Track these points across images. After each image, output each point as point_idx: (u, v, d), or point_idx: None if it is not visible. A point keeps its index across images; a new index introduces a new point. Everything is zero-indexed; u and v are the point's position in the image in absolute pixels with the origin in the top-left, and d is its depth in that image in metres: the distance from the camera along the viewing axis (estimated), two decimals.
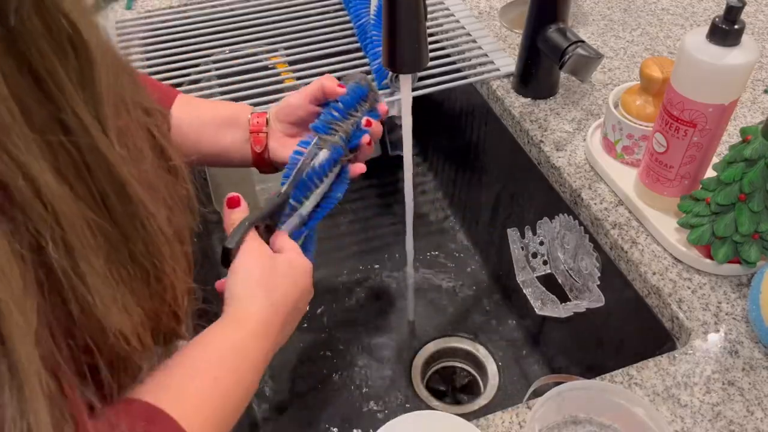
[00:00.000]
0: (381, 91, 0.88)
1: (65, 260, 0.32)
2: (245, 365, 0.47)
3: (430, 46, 0.91)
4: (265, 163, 0.67)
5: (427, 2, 0.61)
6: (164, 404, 0.41)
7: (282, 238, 0.57)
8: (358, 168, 0.64)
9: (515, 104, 0.87)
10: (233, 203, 0.57)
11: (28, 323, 0.30)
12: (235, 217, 0.55)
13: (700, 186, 0.65)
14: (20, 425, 0.29)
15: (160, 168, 0.41)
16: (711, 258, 0.65)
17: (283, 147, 0.65)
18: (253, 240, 0.54)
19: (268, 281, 0.51)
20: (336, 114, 0.62)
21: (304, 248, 0.60)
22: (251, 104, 0.83)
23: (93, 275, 0.33)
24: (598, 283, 0.74)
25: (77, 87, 0.32)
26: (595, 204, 0.74)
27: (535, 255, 0.84)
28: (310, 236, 0.63)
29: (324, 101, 0.64)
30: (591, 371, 0.61)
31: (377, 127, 0.65)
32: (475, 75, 0.91)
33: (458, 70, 0.92)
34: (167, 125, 0.44)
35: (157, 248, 0.38)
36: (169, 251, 0.39)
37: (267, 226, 0.58)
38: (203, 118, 0.66)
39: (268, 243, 0.56)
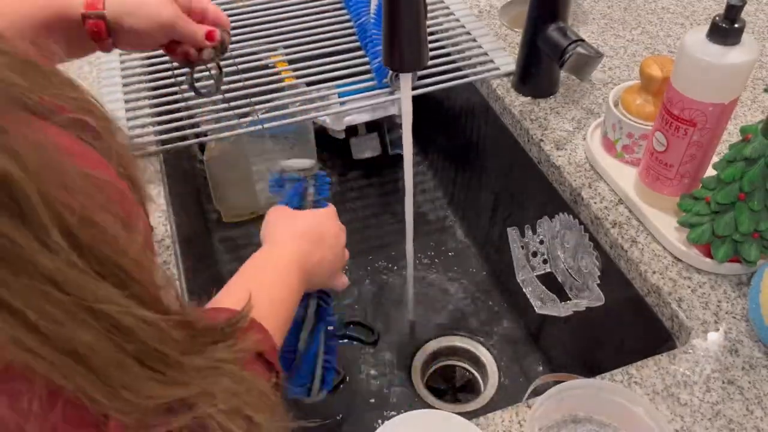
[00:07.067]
0: (381, 90, 0.88)
1: None
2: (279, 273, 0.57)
3: (430, 45, 0.91)
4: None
5: (427, 1, 0.61)
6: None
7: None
8: None
9: (515, 103, 0.87)
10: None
11: None
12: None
13: (700, 185, 0.65)
14: None
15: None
16: (711, 257, 0.65)
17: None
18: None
19: (286, 222, 0.62)
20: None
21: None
22: (251, 103, 0.83)
23: None
24: (598, 282, 0.74)
25: None
26: (595, 203, 0.74)
27: (535, 254, 0.84)
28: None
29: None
30: (591, 370, 0.61)
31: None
32: (475, 74, 0.91)
33: (458, 69, 0.91)
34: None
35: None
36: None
37: None
38: (14, 21, 0.54)
39: None
